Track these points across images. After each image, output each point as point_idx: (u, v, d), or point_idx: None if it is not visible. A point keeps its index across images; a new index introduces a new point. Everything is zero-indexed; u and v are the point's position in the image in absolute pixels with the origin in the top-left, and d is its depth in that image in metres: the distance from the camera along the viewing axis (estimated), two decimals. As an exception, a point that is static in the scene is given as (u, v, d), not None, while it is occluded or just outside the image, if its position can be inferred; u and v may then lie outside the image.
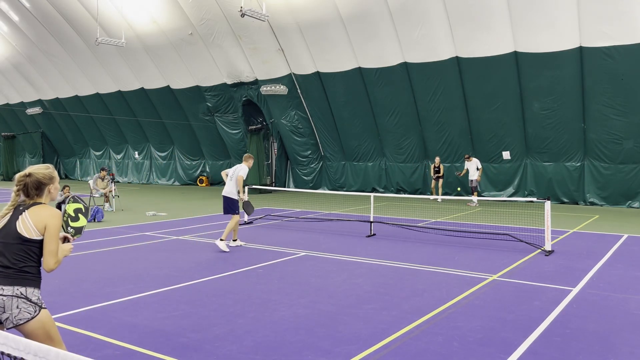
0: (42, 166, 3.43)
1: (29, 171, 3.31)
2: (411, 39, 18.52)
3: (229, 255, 9.27)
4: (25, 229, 3.18)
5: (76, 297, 6.47)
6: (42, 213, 3.24)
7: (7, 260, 3.15)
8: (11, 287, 3.12)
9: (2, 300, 3.09)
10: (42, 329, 3.18)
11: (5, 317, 3.11)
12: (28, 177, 3.29)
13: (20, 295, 3.12)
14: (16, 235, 3.18)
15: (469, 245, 10.25)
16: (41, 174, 3.33)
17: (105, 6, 23.30)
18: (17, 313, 3.11)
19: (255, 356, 4.62)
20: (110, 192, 16.96)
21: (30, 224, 3.19)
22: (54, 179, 3.41)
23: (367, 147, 22.30)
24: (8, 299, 3.09)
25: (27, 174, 3.30)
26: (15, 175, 3.38)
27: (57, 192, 3.47)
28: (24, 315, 3.11)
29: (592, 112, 17.17)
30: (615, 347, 4.89)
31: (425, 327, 5.38)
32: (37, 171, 3.33)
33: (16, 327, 3.13)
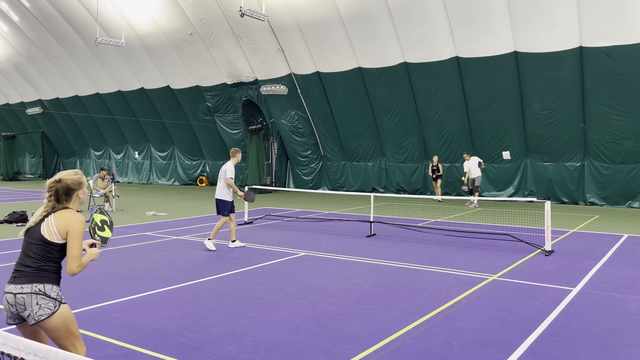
0: (71, 172, 3.52)
1: (59, 177, 3.43)
2: (411, 39, 18.52)
3: (229, 255, 9.27)
4: (48, 232, 3.30)
5: (76, 297, 6.47)
6: (65, 217, 3.35)
7: (29, 259, 3.28)
8: (30, 284, 3.23)
9: (22, 298, 3.19)
10: (64, 324, 3.27)
11: (27, 314, 3.21)
12: (58, 183, 3.42)
13: (39, 292, 3.22)
14: (39, 237, 3.31)
15: (469, 245, 10.25)
16: (70, 179, 3.45)
17: (105, 6, 23.30)
18: (38, 309, 3.19)
19: (255, 356, 4.62)
20: (110, 192, 16.96)
21: (54, 228, 3.31)
22: (83, 184, 3.51)
23: (367, 147, 22.29)
24: (28, 296, 3.19)
25: (57, 179, 3.42)
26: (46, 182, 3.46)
27: (86, 197, 3.56)
28: (44, 311, 3.21)
29: (592, 112, 17.17)
30: (615, 347, 4.89)
31: (425, 327, 5.38)
32: (66, 177, 3.45)
33: (38, 323, 3.21)
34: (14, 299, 3.22)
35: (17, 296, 3.22)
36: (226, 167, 10.00)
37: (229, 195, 9.94)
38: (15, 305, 3.23)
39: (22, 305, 3.21)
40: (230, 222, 10.03)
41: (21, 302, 3.21)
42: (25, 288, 3.22)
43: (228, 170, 9.95)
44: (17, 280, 3.26)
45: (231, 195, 9.98)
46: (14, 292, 3.23)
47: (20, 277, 3.26)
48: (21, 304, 3.21)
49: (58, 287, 3.33)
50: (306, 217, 14.74)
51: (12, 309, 3.24)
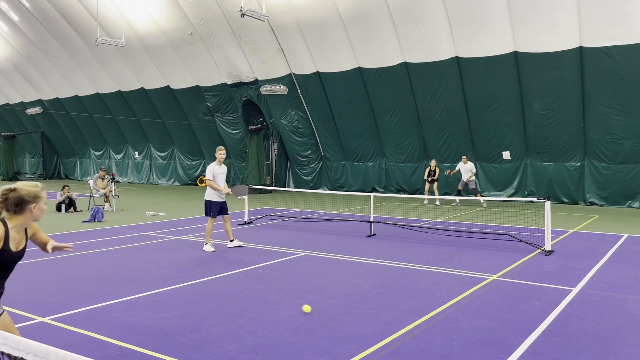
0: (31, 183, 3.22)
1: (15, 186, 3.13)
2: (411, 39, 18.52)
3: (229, 255, 9.27)
4: None
5: (76, 297, 6.47)
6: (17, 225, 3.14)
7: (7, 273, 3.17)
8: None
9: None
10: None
11: None
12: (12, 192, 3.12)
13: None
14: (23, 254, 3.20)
15: (469, 245, 10.25)
16: (26, 190, 3.13)
17: (105, 6, 23.30)
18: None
19: (255, 356, 4.62)
20: (110, 192, 16.96)
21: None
22: (40, 199, 3.19)
23: (367, 147, 22.29)
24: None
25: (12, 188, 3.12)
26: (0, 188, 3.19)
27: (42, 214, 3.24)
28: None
29: (592, 112, 17.16)
30: (615, 347, 4.89)
31: (425, 327, 5.38)
32: (23, 187, 3.14)
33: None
34: None
35: None
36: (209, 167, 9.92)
37: (213, 195, 9.80)
38: None
39: None
40: (225, 222, 9.99)
41: None
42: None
43: (207, 170, 9.90)
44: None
45: (217, 195, 9.83)
46: None
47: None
48: None
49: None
50: (306, 217, 14.74)
51: None
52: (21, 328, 5.34)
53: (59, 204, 16.15)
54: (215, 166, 9.92)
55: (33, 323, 5.51)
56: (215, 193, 9.84)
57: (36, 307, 6.04)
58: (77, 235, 11.56)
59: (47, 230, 12.20)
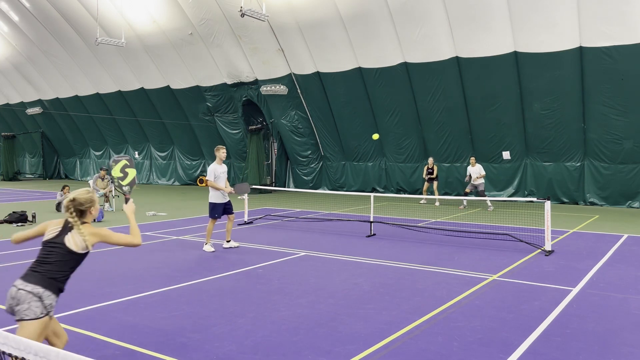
0: (83, 191, 3.84)
1: (73, 196, 3.76)
2: (411, 39, 18.52)
3: (229, 255, 9.27)
4: (73, 243, 3.62)
5: (76, 297, 6.47)
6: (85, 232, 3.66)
7: (44, 265, 3.56)
8: (33, 285, 3.47)
9: (20, 294, 3.44)
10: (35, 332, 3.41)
11: (17, 309, 3.44)
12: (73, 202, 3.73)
13: (36, 293, 3.44)
14: (63, 248, 3.60)
15: (469, 245, 10.25)
16: (83, 198, 3.78)
17: (105, 6, 23.30)
18: (25, 308, 3.41)
19: (255, 356, 4.62)
20: (110, 192, 16.96)
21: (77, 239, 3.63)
22: (95, 202, 3.86)
23: (367, 147, 22.29)
24: (25, 294, 3.43)
25: (72, 199, 3.74)
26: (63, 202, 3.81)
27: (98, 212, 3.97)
28: (31, 312, 3.42)
29: (592, 112, 17.17)
30: (615, 347, 4.89)
31: (425, 327, 5.38)
32: (81, 196, 3.77)
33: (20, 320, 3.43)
34: (16, 292, 3.46)
35: (19, 291, 3.45)
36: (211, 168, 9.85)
37: (217, 197, 9.78)
38: (13, 298, 3.45)
39: (17, 299, 3.44)
40: (229, 222, 10.00)
41: (18, 297, 3.44)
42: (28, 287, 3.46)
43: (208, 171, 9.83)
44: (26, 278, 3.51)
45: (222, 196, 9.80)
46: (18, 286, 3.47)
47: (30, 276, 3.52)
48: (17, 298, 3.44)
49: (55, 298, 3.55)
50: (306, 217, 14.74)
51: (11, 301, 3.47)
52: (21, 328, 5.34)
53: (59, 204, 16.15)
54: (216, 166, 9.84)
55: (33, 323, 5.50)
56: (219, 194, 9.80)
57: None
58: (77, 235, 11.54)
59: (47, 230, 12.20)
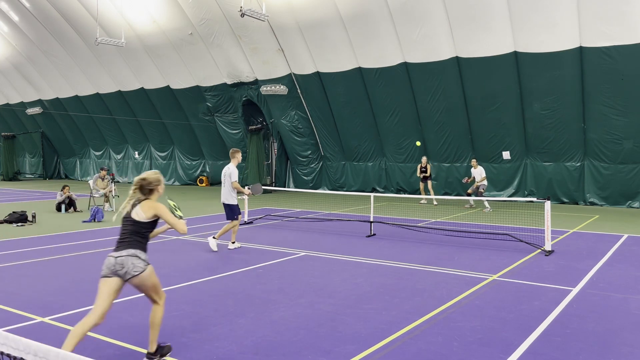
0: (152, 172, 4.66)
1: (144, 176, 4.58)
2: (411, 39, 18.51)
3: (229, 255, 9.27)
4: (136, 215, 4.47)
5: (76, 297, 6.47)
6: (146, 205, 4.50)
7: (127, 235, 4.45)
8: (127, 250, 4.35)
9: (122, 259, 4.31)
10: (149, 280, 4.41)
11: (124, 271, 4.29)
12: (143, 181, 4.55)
13: (133, 255, 4.33)
14: (131, 219, 4.48)
15: (469, 245, 10.25)
16: (152, 178, 4.58)
17: (105, 6, 23.30)
18: (132, 267, 4.30)
19: (255, 356, 4.62)
20: (110, 192, 16.96)
21: (139, 212, 4.47)
22: (161, 182, 4.66)
23: (367, 147, 22.29)
24: (125, 258, 4.32)
25: (143, 178, 4.57)
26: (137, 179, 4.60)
27: (163, 190, 4.71)
28: (137, 268, 4.32)
29: (592, 112, 17.16)
30: (615, 347, 4.89)
31: (425, 327, 5.38)
32: (149, 176, 4.58)
33: (132, 278, 4.31)
34: (114, 260, 4.31)
35: (117, 259, 4.31)
36: (230, 170, 9.83)
37: (234, 198, 9.80)
38: (115, 265, 4.29)
39: (120, 264, 4.28)
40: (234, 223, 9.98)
41: (120, 262, 4.28)
42: (124, 253, 4.33)
43: (232, 173, 9.78)
44: (118, 249, 4.38)
45: (236, 197, 9.88)
46: (115, 256, 4.33)
47: (120, 247, 4.38)
48: (120, 264, 4.28)
49: (146, 254, 4.45)
50: (306, 217, 14.74)
51: (112, 267, 4.30)
52: (21, 328, 5.34)
53: (59, 204, 16.15)
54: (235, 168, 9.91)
55: (33, 323, 5.51)
56: (234, 195, 9.78)
57: (36, 307, 6.03)
58: (77, 235, 11.56)
59: (46, 230, 12.22)
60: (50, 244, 10.33)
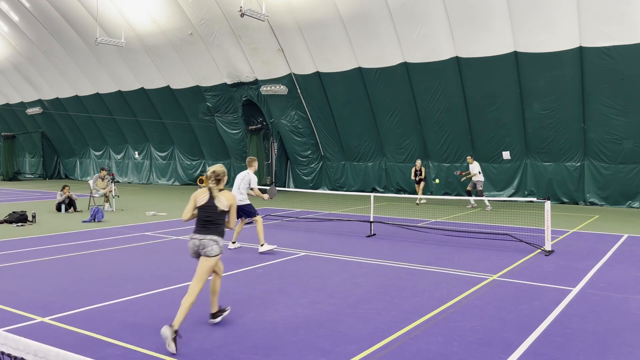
0: (219, 165, 5.59)
1: (214, 169, 5.47)
2: (411, 39, 18.51)
3: (229, 256, 9.27)
4: (220, 204, 5.30)
5: (76, 297, 6.47)
6: (227, 196, 5.41)
7: (210, 222, 5.28)
8: (210, 235, 5.25)
9: (205, 242, 5.22)
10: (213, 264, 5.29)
11: (204, 250, 5.22)
12: (214, 173, 5.43)
13: (214, 241, 5.25)
14: (215, 209, 5.29)
15: (469, 245, 10.25)
16: (221, 170, 5.50)
17: (105, 6, 23.30)
18: (210, 250, 5.22)
19: (255, 356, 4.62)
20: (110, 192, 16.96)
21: (223, 201, 5.32)
22: (226, 173, 5.53)
23: (367, 147, 22.29)
24: (208, 241, 5.23)
25: (214, 171, 5.44)
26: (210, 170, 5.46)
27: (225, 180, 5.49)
28: (214, 251, 5.23)
29: (592, 112, 17.16)
30: (615, 347, 4.89)
31: (425, 327, 5.38)
32: (218, 169, 5.48)
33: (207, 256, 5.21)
34: (199, 241, 5.24)
35: (201, 240, 5.23)
36: (249, 176, 9.69)
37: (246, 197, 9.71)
38: (198, 245, 5.23)
39: (202, 245, 5.22)
40: (240, 224, 9.96)
41: (203, 244, 5.22)
42: (207, 237, 5.24)
43: (252, 179, 9.68)
44: (201, 232, 5.26)
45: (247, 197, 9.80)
46: (199, 238, 5.25)
47: (204, 231, 5.26)
48: (202, 245, 5.22)
49: (222, 239, 5.34)
50: (306, 217, 14.74)
51: (195, 248, 5.26)
52: (21, 328, 5.34)
53: (59, 204, 16.15)
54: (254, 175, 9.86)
55: (33, 323, 5.51)
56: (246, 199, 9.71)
57: (36, 307, 6.03)
58: (77, 235, 11.56)
59: (46, 230, 12.22)
60: (50, 244, 10.33)
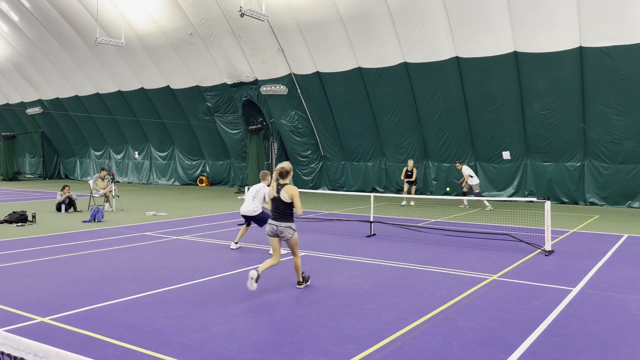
0: (286, 163, 6.89)
1: (282, 166, 6.80)
2: (411, 39, 18.51)
3: (229, 256, 9.28)
4: (284, 197, 6.71)
5: (76, 297, 6.47)
6: (288, 190, 6.75)
7: (280, 211, 6.76)
8: (284, 222, 6.75)
9: (282, 229, 6.75)
10: (294, 242, 6.85)
11: (282, 235, 6.75)
12: (282, 169, 6.76)
13: (288, 226, 6.75)
14: (281, 200, 6.74)
15: (469, 245, 10.25)
16: (288, 167, 6.83)
17: (105, 6, 23.30)
18: (287, 234, 6.74)
19: (255, 356, 4.62)
20: (110, 192, 16.96)
21: (285, 195, 6.70)
22: (291, 169, 6.90)
23: (367, 147, 22.29)
24: (283, 228, 6.74)
25: (282, 167, 6.78)
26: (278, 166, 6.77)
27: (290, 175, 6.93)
28: (289, 234, 6.75)
29: (592, 112, 17.16)
30: (615, 347, 4.89)
31: (425, 327, 5.38)
32: (286, 166, 6.81)
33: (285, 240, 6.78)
34: (276, 227, 6.76)
35: (278, 227, 6.75)
36: (265, 190, 9.63)
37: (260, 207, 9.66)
38: (276, 230, 6.76)
39: (280, 231, 6.75)
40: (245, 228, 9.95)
41: (280, 230, 6.75)
42: (282, 224, 6.74)
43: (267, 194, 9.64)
44: (277, 220, 6.76)
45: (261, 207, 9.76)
46: (277, 224, 6.76)
47: (279, 219, 6.75)
48: (280, 231, 6.75)
49: (295, 224, 6.82)
50: (306, 217, 14.74)
51: (274, 230, 6.77)
52: (21, 328, 5.34)
53: (59, 204, 16.15)
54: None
55: (33, 323, 5.51)
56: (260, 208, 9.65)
57: (36, 307, 6.04)
58: (77, 235, 11.56)
59: (46, 230, 12.22)
60: (50, 244, 10.33)
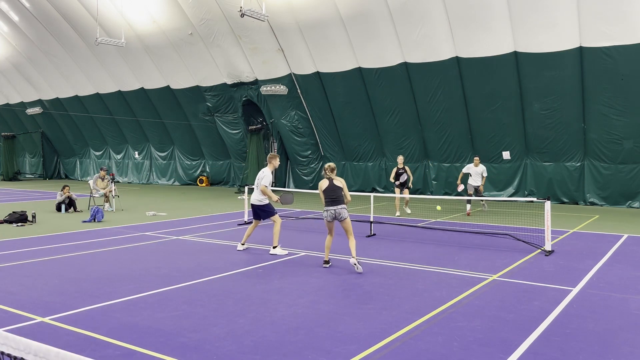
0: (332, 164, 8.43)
1: (331, 165, 8.39)
2: (411, 39, 18.51)
3: (228, 256, 9.28)
4: (338, 183, 8.23)
5: (76, 297, 6.47)
6: (339, 178, 8.34)
7: (336, 196, 8.14)
8: (340, 205, 8.11)
9: (340, 210, 8.09)
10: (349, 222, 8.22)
11: (340, 216, 8.08)
12: (331, 165, 8.37)
13: (343, 208, 8.11)
14: (337, 188, 8.19)
15: (469, 245, 10.25)
16: (334, 165, 8.42)
17: (105, 6, 23.30)
18: (344, 214, 8.10)
19: (255, 356, 4.62)
20: (110, 192, 16.95)
21: (338, 182, 8.24)
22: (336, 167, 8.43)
23: (367, 147, 22.29)
24: (340, 209, 8.09)
25: (331, 164, 8.40)
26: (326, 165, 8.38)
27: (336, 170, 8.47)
28: (346, 214, 8.10)
29: (592, 112, 17.16)
30: (615, 347, 4.89)
31: (425, 327, 5.38)
32: (332, 164, 8.38)
33: (343, 219, 8.11)
34: (334, 211, 8.07)
35: (336, 210, 8.07)
36: (263, 174, 9.47)
37: (266, 198, 9.50)
38: (334, 213, 8.08)
39: (339, 213, 8.07)
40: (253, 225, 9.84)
41: (338, 212, 8.07)
42: (340, 206, 8.09)
43: (265, 177, 9.40)
44: (334, 204, 8.09)
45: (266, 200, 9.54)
46: (336, 208, 8.08)
47: (335, 203, 8.09)
48: (338, 213, 8.07)
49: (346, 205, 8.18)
50: (306, 217, 14.73)
51: (333, 215, 8.09)
52: (21, 328, 5.34)
53: (59, 204, 16.14)
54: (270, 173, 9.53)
55: (33, 323, 5.51)
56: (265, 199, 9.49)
57: (36, 307, 6.03)
58: (77, 235, 11.56)
59: (46, 230, 12.22)
60: (50, 244, 10.33)
